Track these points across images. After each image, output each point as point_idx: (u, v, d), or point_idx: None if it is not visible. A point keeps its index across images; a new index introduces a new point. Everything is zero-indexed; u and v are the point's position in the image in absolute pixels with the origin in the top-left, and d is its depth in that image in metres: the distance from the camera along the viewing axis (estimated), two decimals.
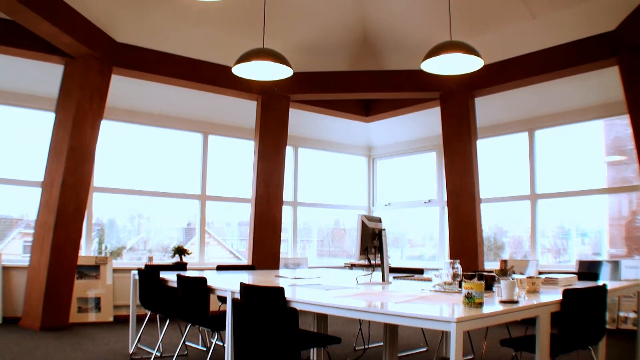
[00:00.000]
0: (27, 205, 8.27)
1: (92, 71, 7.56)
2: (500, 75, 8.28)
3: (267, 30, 6.23)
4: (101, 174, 8.63)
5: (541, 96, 8.58)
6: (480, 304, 2.75)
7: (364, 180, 11.95)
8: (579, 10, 7.19)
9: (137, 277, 5.57)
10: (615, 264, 7.54)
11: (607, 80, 7.60)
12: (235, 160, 10.16)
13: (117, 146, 8.92)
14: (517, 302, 2.96)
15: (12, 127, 8.18)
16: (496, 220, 9.78)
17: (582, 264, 7.83)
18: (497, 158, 9.63)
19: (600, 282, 4.19)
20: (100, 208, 8.81)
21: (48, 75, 7.80)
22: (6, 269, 7.76)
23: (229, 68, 5.91)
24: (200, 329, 6.08)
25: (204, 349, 6.06)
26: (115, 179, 8.84)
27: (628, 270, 7.38)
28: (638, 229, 8.11)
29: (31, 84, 7.99)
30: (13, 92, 8.03)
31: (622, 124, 8.10)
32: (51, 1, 6.56)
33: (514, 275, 3.74)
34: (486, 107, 9.05)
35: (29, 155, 8.13)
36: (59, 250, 7.31)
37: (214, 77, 8.56)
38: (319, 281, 4.68)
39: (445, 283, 3.68)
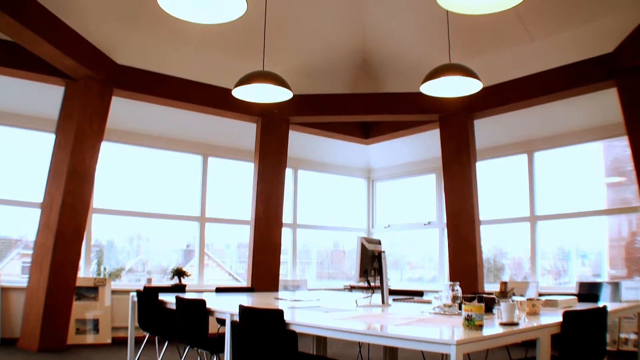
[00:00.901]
0: (26, 225, 8.26)
1: (92, 93, 7.60)
2: (499, 97, 8.31)
3: (267, 53, 6.26)
4: (100, 195, 8.62)
5: (540, 118, 8.62)
6: (480, 326, 2.74)
7: (364, 202, 11.95)
8: (578, 33, 7.25)
9: (135, 298, 5.55)
10: (616, 285, 7.51)
11: (606, 102, 7.64)
12: (235, 182, 10.17)
13: (116, 167, 8.93)
14: (517, 324, 2.95)
15: (12, 147, 8.20)
16: (496, 242, 9.77)
17: (582, 285, 7.81)
18: (496, 180, 9.63)
19: (600, 304, 4.18)
20: (100, 229, 8.80)
21: (49, 96, 7.83)
22: (4, 289, 7.73)
23: (229, 90, 5.93)
24: (199, 351, 6.04)
25: None
26: (115, 200, 8.84)
27: (628, 291, 7.36)
28: (638, 250, 8.10)
29: (32, 105, 8.03)
30: (13, 113, 8.05)
31: (621, 145, 8.12)
32: (53, 23, 6.61)
33: (514, 297, 3.73)
34: (485, 129, 9.07)
35: (29, 176, 8.13)
36: (58, 272, 7.29)
37: (214, 99, 8.60)
38: (319, 303, 4.66)
39: (445, 305, 3.67)
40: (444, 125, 9.08)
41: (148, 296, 5.29)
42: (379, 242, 4.84)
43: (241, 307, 3.55)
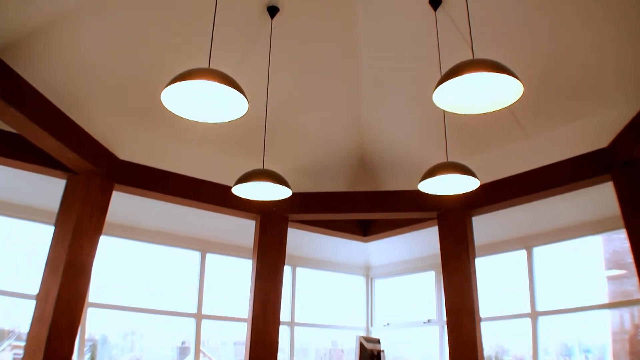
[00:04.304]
0: (19, 317, 8.11)
1: (93, 187, 7.66)
2: (497, 194, 8.39)
3: (267, 152, 6.39)
4: (96, 289, 8.51)
5: (538, 213, 8.67)
6: None
7: (362, 300, 11.81)
8: (573, 129, 7.43)
9: None
10: None
11: (603, 196, 7.68)
12: (233, 279, 10.09)
13: (113, 261, 8.88)
14: None
15: (9, 238, 8.18)
16: (497, 339, 9.59)
17: None
18: (496, 276, 9.57)
19: None
20: (94, 323, 8.62)
21: (49, 188, 7.88)
22: None
23: (229, 188, 6.02)
24: None
25: None
26: (110, 294, 8.73)
27: None
28: None
29: (31, 196, 8.07)
30: (12, 203, 8.07)
31: (620, 238, 8.13)
32: (57, 117, 6.78)
33: None
34: (483, 225, 9.10)
35: (25, 267, 8.07)
36: None
37: (213, 196, 8.67)
38: None
39: None
40: (443, 222, 9.11)
41: None
42: (378, 341, 4.80)
43: None
